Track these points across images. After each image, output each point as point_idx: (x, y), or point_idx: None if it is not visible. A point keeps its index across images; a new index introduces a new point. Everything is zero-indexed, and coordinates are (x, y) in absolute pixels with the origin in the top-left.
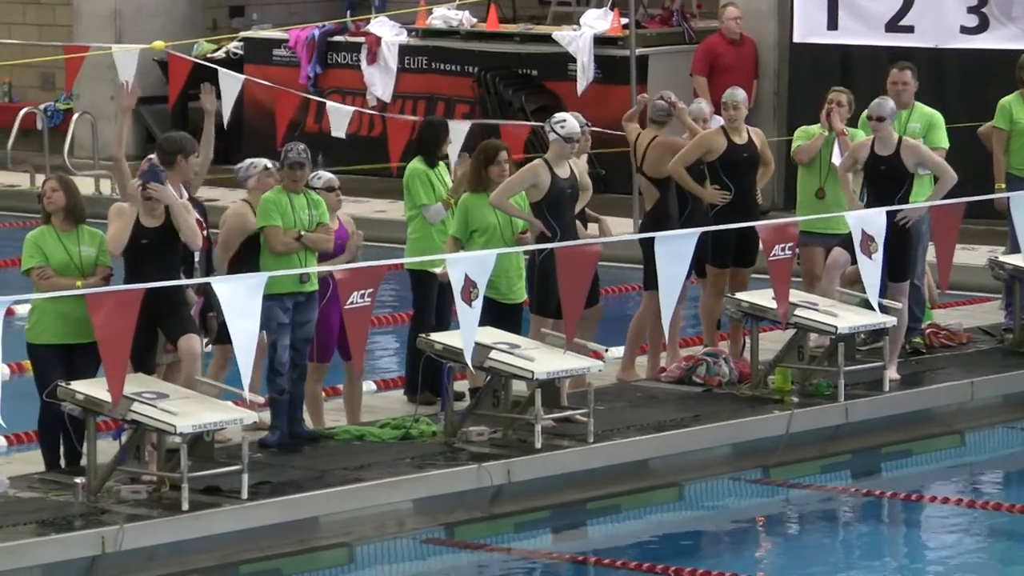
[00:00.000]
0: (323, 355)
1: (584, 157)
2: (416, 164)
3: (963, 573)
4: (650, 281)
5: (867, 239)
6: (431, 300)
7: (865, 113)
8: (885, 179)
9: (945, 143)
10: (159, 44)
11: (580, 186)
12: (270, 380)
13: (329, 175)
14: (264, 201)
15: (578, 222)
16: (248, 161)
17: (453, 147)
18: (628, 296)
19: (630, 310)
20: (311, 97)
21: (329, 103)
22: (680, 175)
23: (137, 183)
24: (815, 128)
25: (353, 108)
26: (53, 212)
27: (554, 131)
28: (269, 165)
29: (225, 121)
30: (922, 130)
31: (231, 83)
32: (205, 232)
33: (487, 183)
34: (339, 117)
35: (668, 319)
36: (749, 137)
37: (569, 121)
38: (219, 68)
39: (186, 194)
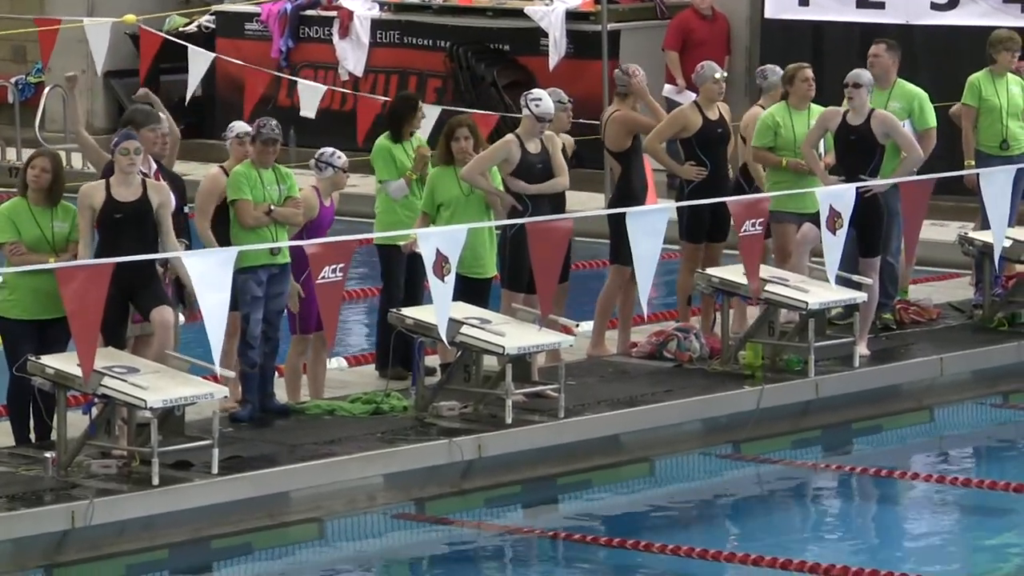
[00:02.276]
0: (305, 327)
1: (568, 138)
2: (382, 140)
3: (933, 548)
4: (616, 255)
5: (834, 215)
6: (398, 275)
7: (844, 81)
8: (855, 149)
9: (932, 123)
10: (131, 18)
11: (555, 167)
12: (241, 353)
13: (344, 156)
14: (234, 175)
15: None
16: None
17: (427, 123)
18: (598, 272)
19: (600, 285)
20: (282, 76)
21: (301, 81)
22: (656, 152)
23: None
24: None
25: (325, 87)
26: (35, 189)
27: (528, 107)
28: (242, 133)
29: (188, 96)
30: (903, 111)
31: (200, 60)
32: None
33: (452, 158)
34: (310, 96)
35: (646, 296)
36: (720, 112)
37: (545, 101)
38: (188, 45)
39: (154, 166)
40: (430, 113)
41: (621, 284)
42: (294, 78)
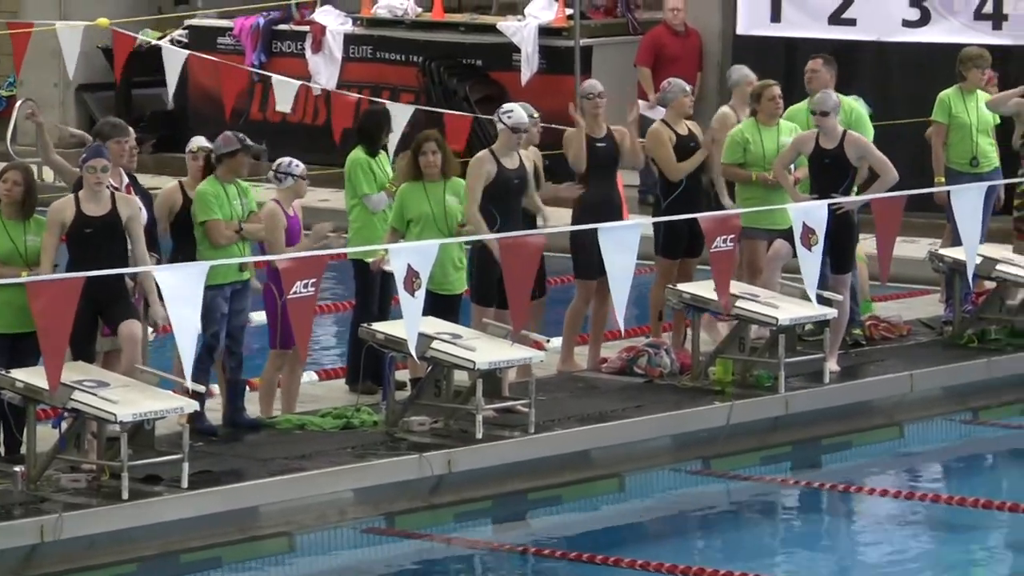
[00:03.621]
0: (286, 342)
1: (536, 152)
2: (357, 153)
3: (902, 564)
4: (580, 270)
5: (808, 231)
6: (373, 290)
7: (808, 108)
8: (829, 171)
9: (869, 138)
10: (103, 21)
11: (535, 179)
12: (204, 370)
13: (301, 164)
14: (202, 195)
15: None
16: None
17: (395, 136)
18: (569, 287)
19: (571, 301)
20: (257, 71)
21: (276, 76)
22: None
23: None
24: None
25: (300, 82)
26: (8, 203)
27: (501, 121)
28: (195, 148)
29: (169, 101)
30: (843, 124)
31: (174, 59)
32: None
33: (420, 173)
34: (286, 91)
35: (622, 311)
36: (689, 128)
37: (516, 111)
38: (163, 44)
39: (125, 180)
40: (401, 111)
41: (587, 298)
42: (267, 73)
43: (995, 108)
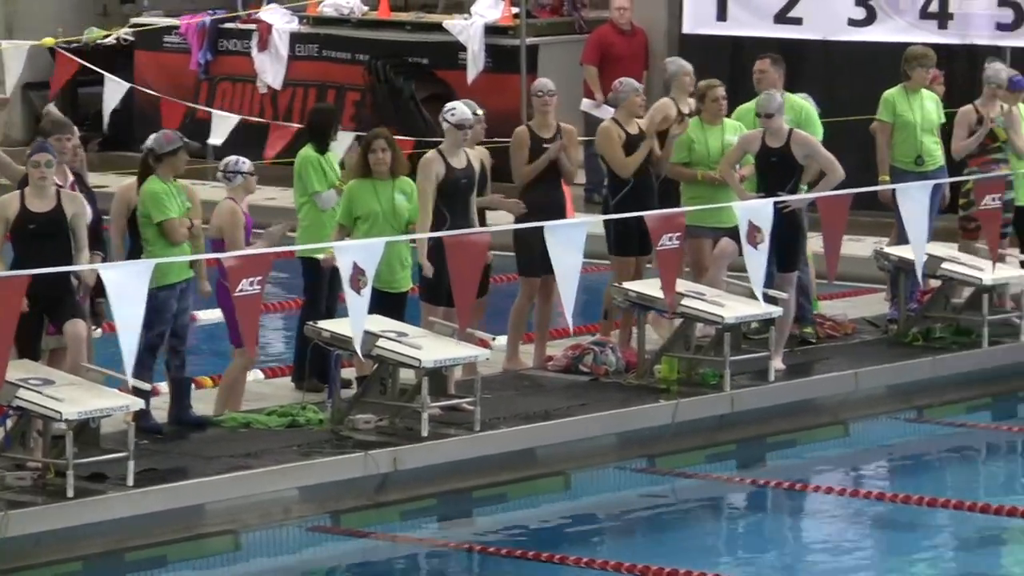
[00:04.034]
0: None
1: (484, 152)
2: (307, 151)
3: (846, 562)
4: (524, 268)
5: (754, 230)
6: (322, 288)
7: (755, 110)
8: (775, 170)
9: (818, 136)
10: (49, 40)
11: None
12: (148, 368)
13: (248, 161)
14: (155, 195)
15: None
16: None
17: (342, 136)
18: (514, 285)
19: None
20: (196, 107)
21: (215, 112)
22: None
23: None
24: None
25: (239, 117)
26: None
27: (446, 120)
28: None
29: (105, 124)
30: (791, 123)
31: (114, 91)
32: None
33: (370, 170)
34: (223, 124)
35: (570, 310)
36: (640, 127)
37: (459, 109)
38: (105, 74)
39: (70, 178)
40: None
41: (531, 295)
42: (210, 109)
43: (961, 154)
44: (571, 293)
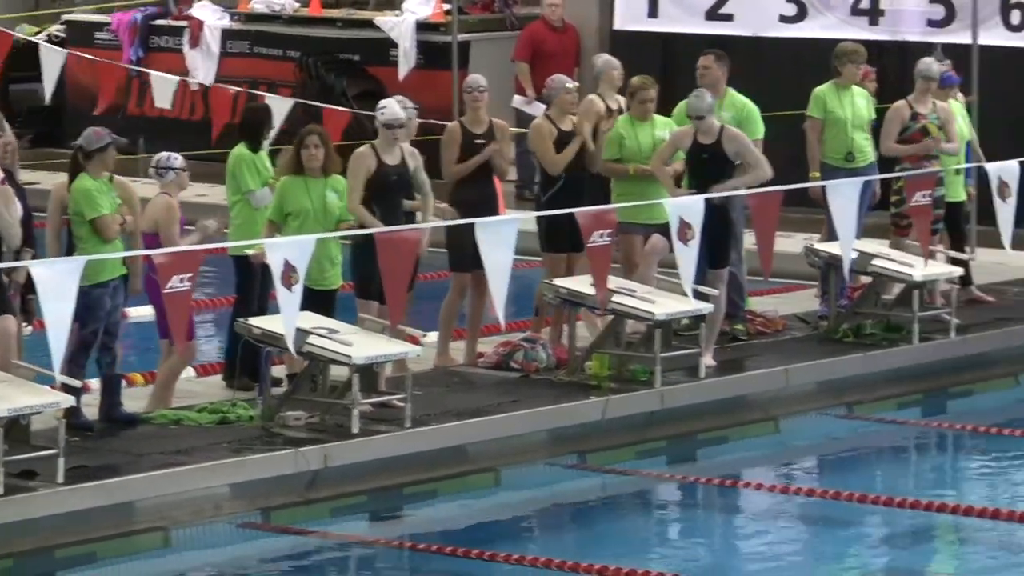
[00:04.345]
0: (189, 336)
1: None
2: (240, 149)
3: (777, 558)
4: (454, 264)
5: (684, 226)
6: (254, 285)
7: (685, 112)
8: (706, 167)
9: (760, 133)
10: None
11: (416, 179)
12: (81, 365)
13: (180, 156)
14: (87, 192)
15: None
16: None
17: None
18: (445, 282)
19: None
20: (135, 67)
21: (154, 73)
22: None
23: None
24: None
25: (178, 78)
26: None
27: (377, 118)
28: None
29: (47, 97)
30: (732, 120)
31: (52, 59)
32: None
33: (302, 167)
34: (164, 88)
35: (501, 307)
36: (573, 123)
37: (389, 108)
38: (40, 43)
39: (1, 174)
40: (279, 105)
41: (462, 291)
42: (145, 70)
43: (891, 155)
44: (502, 290)
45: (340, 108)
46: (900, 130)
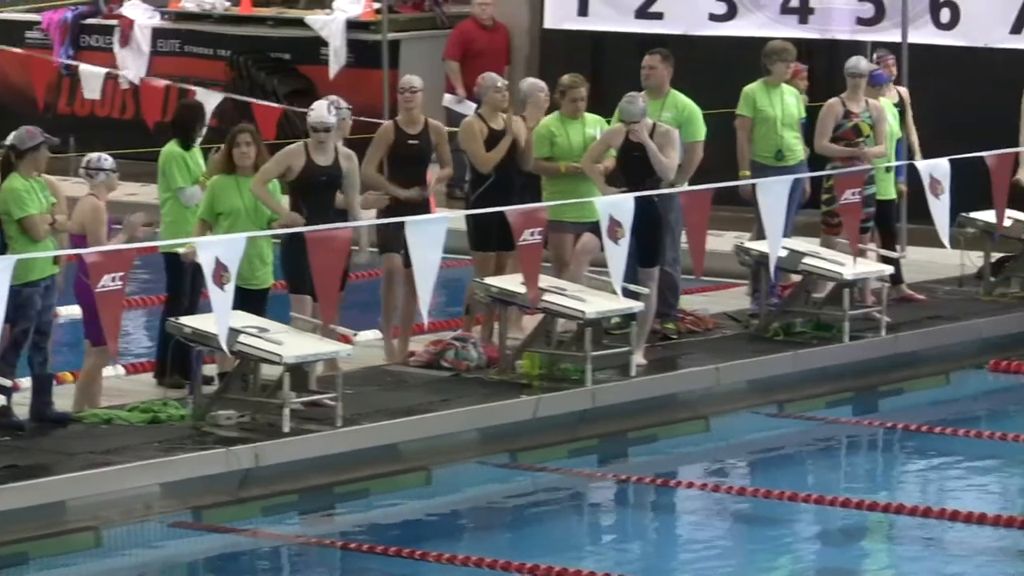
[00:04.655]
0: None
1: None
2: (172, 147)
3: (708, 557)
4: (382, 247)
5: (615, 224)
6: (185, 283)
7: (621, 119)
8: (638, 165)
9: (701, 135)
10: None
11: (347, 185)
12: (12, 364)
13: (110, 158)
14: (15, 192)
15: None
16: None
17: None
18: (376, 280)
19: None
20: (65, 62)
21: (83, 66)
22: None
23: None
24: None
25: (106, 70)
26: None
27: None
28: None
29: None
30: (674, 120)
31: None
32: None
33: (234, 166)
34: (93, 81)
35: (426, 305)
36: (504, 121)
37: (317, 110)
38: None
39: None
40: (209, 98)
41: (391, 273)
42: (75, 63)
43: (824, 154)
44: (428, 288)
45: (272, 104)
46: (833, 127)
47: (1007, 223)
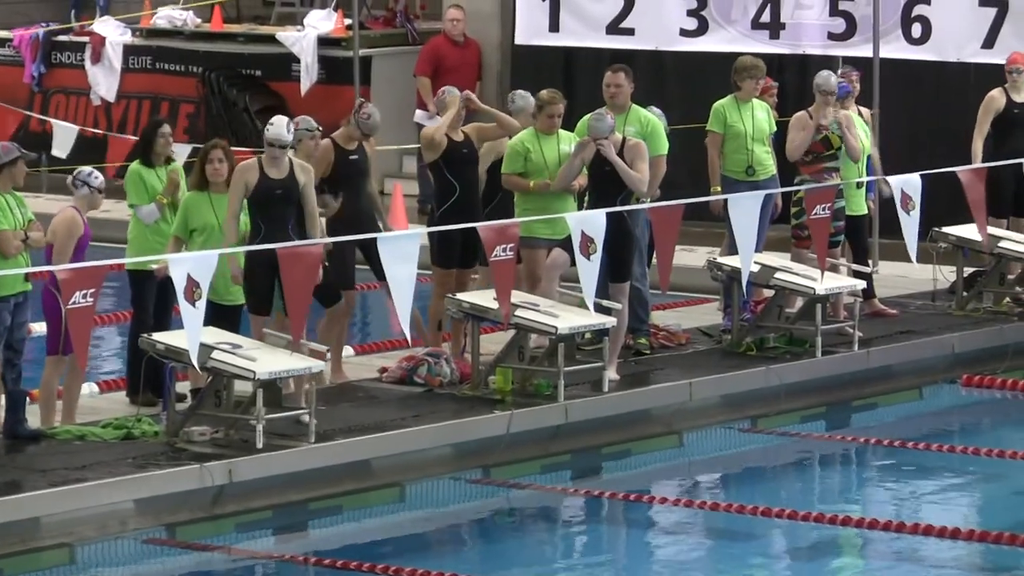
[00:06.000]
0: (67, 347)
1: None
2: (135, 165)
3: (681, 572)
4: (345, 281)
5: (586, 240)
6: (148, 300)
7: (588, 133)
8: (609, 180)
9: (664, 149)
10: None
11: (303, 193)
12: None
13: (101, 177)
14: None
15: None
16: None
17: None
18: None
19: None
20: (33, 115)
21: (55, 122)
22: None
23: None
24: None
25: (78, 127)
26: None
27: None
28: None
29: None
30: (637, 134)
31: None
32: None
33: (207, 182)
34: (64, 136)
35: (406, 321)
36: (465, 135)
37: (275, 127)
38: None
39: None
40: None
41: (348, 308)
42: (46, 118)
43: (795, 155)
44: (406, 304)
45: (245, 150)
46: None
47: (978, 237)
